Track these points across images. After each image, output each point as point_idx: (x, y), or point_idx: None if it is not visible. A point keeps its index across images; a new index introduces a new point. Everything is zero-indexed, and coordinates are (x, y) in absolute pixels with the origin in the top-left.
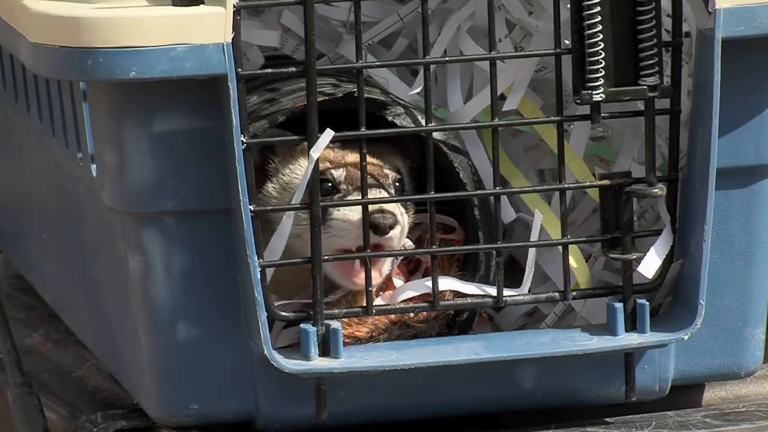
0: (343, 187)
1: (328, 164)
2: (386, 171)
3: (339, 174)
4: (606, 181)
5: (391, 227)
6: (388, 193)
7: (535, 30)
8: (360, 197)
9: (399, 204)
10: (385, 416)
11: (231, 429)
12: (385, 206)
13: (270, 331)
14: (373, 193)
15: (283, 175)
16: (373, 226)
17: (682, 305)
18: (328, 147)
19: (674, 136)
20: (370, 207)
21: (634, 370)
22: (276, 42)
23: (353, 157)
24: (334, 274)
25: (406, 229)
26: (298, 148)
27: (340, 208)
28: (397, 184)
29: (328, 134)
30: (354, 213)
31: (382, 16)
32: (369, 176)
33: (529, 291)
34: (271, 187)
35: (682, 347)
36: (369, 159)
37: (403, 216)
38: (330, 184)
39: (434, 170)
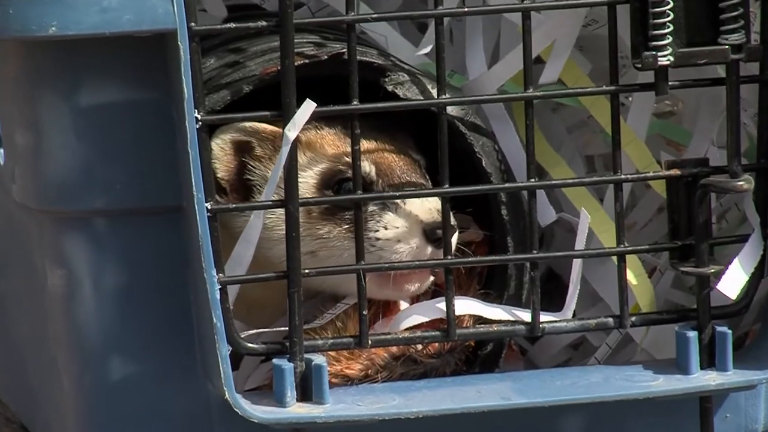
0: (378, 188)
1: (346, 159)
2: (414, 156)
3: (369, 169)
4: (675, 171)
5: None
6: (426, 186)
7: None
8: (412, 201)
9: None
10: None
11: None
12: (437, 207)
13: (236, 367)
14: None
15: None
16: (436, 240)
17: None
18: (342, 133)
19: (765, 111)
20: (428, 214)
21: (712, 419)
22: None
23: (377, 144)
24: (369, 284)
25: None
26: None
27: (387, 224)
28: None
29: (309, 107)
30: (408, 225)
31: None
32: (400, 168)
33: (573, 315)
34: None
35: None
36: (389, 146)
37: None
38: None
39: (449, 155)
